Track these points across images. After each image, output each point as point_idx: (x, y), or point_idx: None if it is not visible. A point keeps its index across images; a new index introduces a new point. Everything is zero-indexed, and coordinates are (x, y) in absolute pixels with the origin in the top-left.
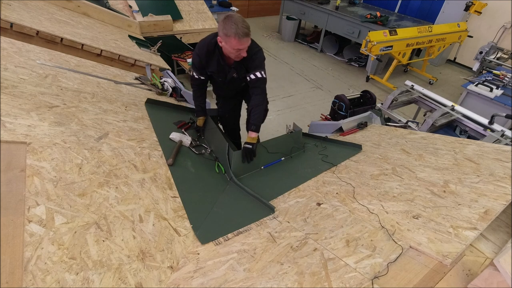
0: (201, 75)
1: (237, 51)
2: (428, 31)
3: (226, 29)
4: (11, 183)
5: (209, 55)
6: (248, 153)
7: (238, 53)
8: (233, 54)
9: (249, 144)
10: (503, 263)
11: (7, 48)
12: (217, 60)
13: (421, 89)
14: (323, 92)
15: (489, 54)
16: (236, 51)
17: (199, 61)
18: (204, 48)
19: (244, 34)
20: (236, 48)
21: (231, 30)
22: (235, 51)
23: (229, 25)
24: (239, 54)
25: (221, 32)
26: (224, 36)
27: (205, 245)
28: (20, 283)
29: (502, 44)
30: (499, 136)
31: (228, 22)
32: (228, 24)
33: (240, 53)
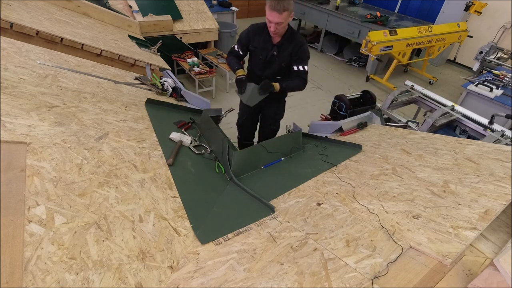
0: (241, 50)
1: (269, 23)
2: (428, 31)
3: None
4: (11, 183)
5: (259, 31)
6: (266, 86)
7: (270, 26)
8: (269, 26)
9: (271, 85)
10: (503, 263)
11: (7, 48)
12: (263, 37)
13: (421, 89)
14: (323, 92)
15: (489, 54)
16: (269, 22)
17: (247, 35)
18: (256, 25)
19: (272, 7)
20: (267, 18)
21: (269, 3)
22: (268, 22)
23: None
24: (271, 27)
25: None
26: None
27: (205, 245)
28: (20, 283)
29: (502, 44)
30: (499, 136)
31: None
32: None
33: (272, 27)
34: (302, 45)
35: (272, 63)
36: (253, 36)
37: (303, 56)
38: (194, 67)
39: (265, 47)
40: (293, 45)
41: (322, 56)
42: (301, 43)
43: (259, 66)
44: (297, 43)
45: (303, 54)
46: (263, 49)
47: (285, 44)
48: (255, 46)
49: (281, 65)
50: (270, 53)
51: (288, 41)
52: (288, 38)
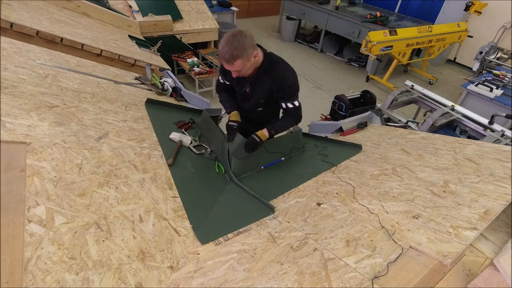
0: (225, 80)
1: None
2: (428, 31)
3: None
4: (11, 183)
5: None
6: (252, 144)
7: (232, 73)
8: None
9: (257, 137)
10: (503, 263)
11: (7, 48)
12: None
13: (421, 89)
14: (323, 92)
15: (489, 54)
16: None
17: (222, 65)
18: None
19: (221, 58)
20: (227, 69)
21: (219, 48)
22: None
23: (219, 46)
24: (234, 73)
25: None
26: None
27: (205, 245)
28: (20, 283)
29: (502, 44)
30: (499, 136)
31: (221, 41)
32: (219, 44)
33: (233, 74)
34: (286, 80)
35: (248, 99)
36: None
37: (289, 93)
38: (194, 67)
39: (240, 81)
40: (272, 79)
41: (322, 56)
42: (284, 76)
43: (239, 98)
44: (278, 77)
45: (288, 90)
46: (238, 83)
47: (260, 78)
48: (230, 78)
49: (259, 101)
50: (243, 89)
51: (266, 74)
52: (266, 71)
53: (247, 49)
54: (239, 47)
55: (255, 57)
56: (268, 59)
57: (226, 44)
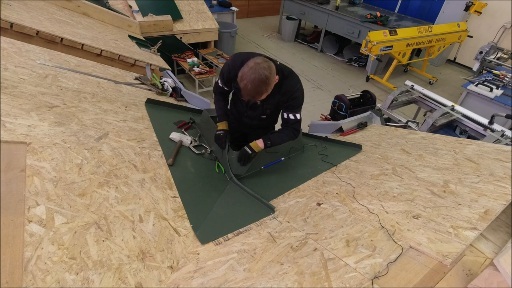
0: (225, 86)
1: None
2: (428, 31)
3: (239, 78)
4: (11, 183)
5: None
6: (244, 157)
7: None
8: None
9: (249, 149)
10: (503, 263)
11: (7, 48)
12: None
13: (421, 89)
14: (323, 92)
15: (489, 54)
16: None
17: (227, 72)
18: (238, 62)
19: (247, 95)
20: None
21: (241, 84)
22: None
23: (241, 80)
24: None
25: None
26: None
27: (205, 245)
28: (20, 283)
29: (502, 44)
30: (499, 136)
31: (242, 74)
32: (241, 78)
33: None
34: (293, 93)
35: (255, 108)
36: (234, 75)
37: (294, 104)
38: (194, 67)
39: None
40: (281, 93)
41: (322, 56)
42: (292, 90)
43: (242, 106)
44: (287, 91)
45: (294, 102)
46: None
47: (272, 92)
48: (236, 87)
49: (266, 111)
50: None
51: (276, 89)
52: (276, 86)
53: (270, 82)
54: (263, 85)
55: (276, 82)
56: (280, 74)
57: (249, 83)
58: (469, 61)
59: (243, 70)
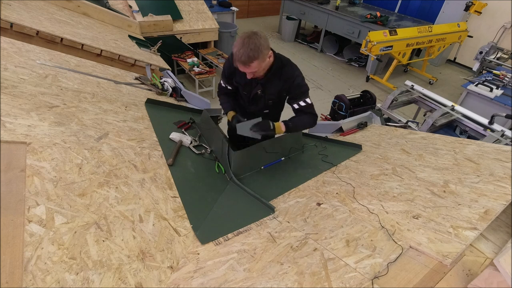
0: (228, 85)
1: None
2: (428, 31)
3: (234, 46)
4: (11, 183)
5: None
6: (263, 128)
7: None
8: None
9: (272, 126)
10: (503, 263)
11: (7, 48)
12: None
13: (421, 89)
14: (323, 92)
15: (489, 54)
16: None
17: (228, 68)
18: None
19: (237, 60)
20: (240, 70)
21: (234, 50)
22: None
23: (234, 48)
24: (247, 75)
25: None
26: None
27: (205, 245)
28: (20, 283)
29: (502, 44)
30: (499, 136)
31: (235, 44)
32: (234, 47)
33: (248, 75)
34: (295, 79)
35: (257, 100)
36: (234, 69)
37: (299, 92)
38: (194, 67)
39: (249, 83)
40: (282, 80)
41: (322, 56)
42: (293, 77)
43: (245, 101)
44: (288, 78)
45: (298, 89)
46: (247, 85)
47: (271, 79)
48: (238, 81)
49: (268, 102)
50: (254, 91)
51: (276, 76)
52: (276, 72)
53: (263, 50)
54: (255, 49)
55: (269, 58)
56: (278, 60)
57: (241, 46)
58: (469, 61)
59: (235, 45)
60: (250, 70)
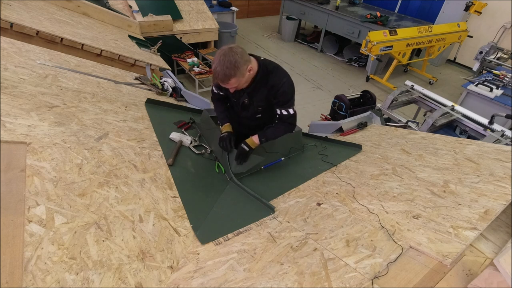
0: (219, 91)
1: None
2: (428, 31)
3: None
4: (11, 183)
5: None
6: (241, 156)
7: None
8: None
9: (246, 146)
10: (503, 263)
11: (7, 48)
12: None
13: (421, 89)
14: (323, 92)
15: (489, 54)
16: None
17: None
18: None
19: (219, 80)
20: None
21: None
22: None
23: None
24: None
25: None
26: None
27: (205, 245)
28: (20, 283)
29: (502, 44)
30: (499, 136)
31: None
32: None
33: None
34: (280, 87)
35: (247, 108)
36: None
37: (283, 99)
38: (194, 67)
39: (236, 92)
40: (268, 88)
41: (322, 56)
42: (279, 85)
43: (237, 108)
44: (274, 86)
45: (283, 97)
46: (235, 94)
47: (258, 87)
48: (225, 90)
49: (257, 109)
50: (241, 100)
51: (262, 83)
52: (261, 80)
53: (239, 67)
54: (231, 67)
55: (249, 71)
56: (264, 68)
57: (218, 65)
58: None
59: (216, 55)
60: (230, 86)
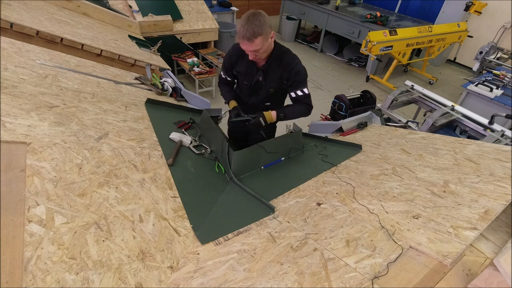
0: (227, 76)
1: (248, 52)
2: (428, 31)
3: (238, 23)
4: (11, 183)
5: (242, 53)
6: (256, 126)
7: (248, 54)
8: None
9: (262, 118)
10: (503, 263)
11: (7, 48)
12: (247, 60)
13: (421, 89)
14: (323, 92)
15: (489, 54)
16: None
17: (229, 59)
18: (238, 48)
19: (241, 36)
20: (244, 48)
21: (238, 27)
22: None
23: (238, 26)
24: (249, 55)
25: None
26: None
27: (205, 245)
28: (20, 283)
29: (502, 44)
30: (499, 136)
31: (239, 22)
32: (238, 24)
33: (250, 55)
34: (294, 67)
35: (258, 89)
36: (235, 59)
37: (298, 79)
38: (194, 67)
39: (249, 72)
40: (282, 67)
41: (322, 56)
42: (293, 64)
43: (245, 92)
44: (288, 64)
45: (298, 76)
46: (247, 74)
47: (272, 66)
48: (238, 70)
49: (269, 91)
50: (255, 79)
51: (276, 63)
52: (276, 59)
53: (266, 28)
54: (259, 25)
55: (272, 38)
56: (278, 48)
57: (246, 23)
58: (469, 61)
59: (243, 16)
60: (253, 47)
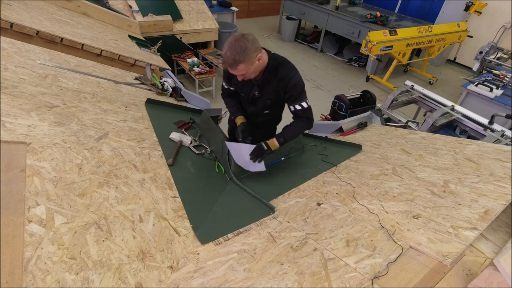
0: (230, 86)
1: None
2: (428, 31)
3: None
4: (11, 183)
5: None
6: (259, 153)
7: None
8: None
9: (266, 146)
10: (503, 263)
11: (7, 48)
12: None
13: (421, 89)
14: (323, 92)
15: (489, 54)
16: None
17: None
18: None
19: (224, 63)
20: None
21: (223, 52)
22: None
23: (223, 51)
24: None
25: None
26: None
27: (205, 245)
28: (20, 283)
29: (502, 44)
30: (499, 136)
31: (224, 46)
32: (223, 49)
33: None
34: (291, 79)
35: (255, 102)
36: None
37: (295, 93)
38: (194, 67)
39: (246, 85)
40: (278, 79)
41: (322, 56)
42: (289, 76)
43: (244, 102)
44: (285, 77)
45: (295, 90)
46: (244, 87)
47: (268, 79)
48: (235, 83)
49: (266, 102)
50: (251, 93)
51: (272, 75)
52: (271, 72)
53: (249, 54)
54: (241, 52)
55: (258, 60)
56: (273, 60)
57: (228, 49)
58: (469, 61)
59: (228, 40)
60: (238, 73)
